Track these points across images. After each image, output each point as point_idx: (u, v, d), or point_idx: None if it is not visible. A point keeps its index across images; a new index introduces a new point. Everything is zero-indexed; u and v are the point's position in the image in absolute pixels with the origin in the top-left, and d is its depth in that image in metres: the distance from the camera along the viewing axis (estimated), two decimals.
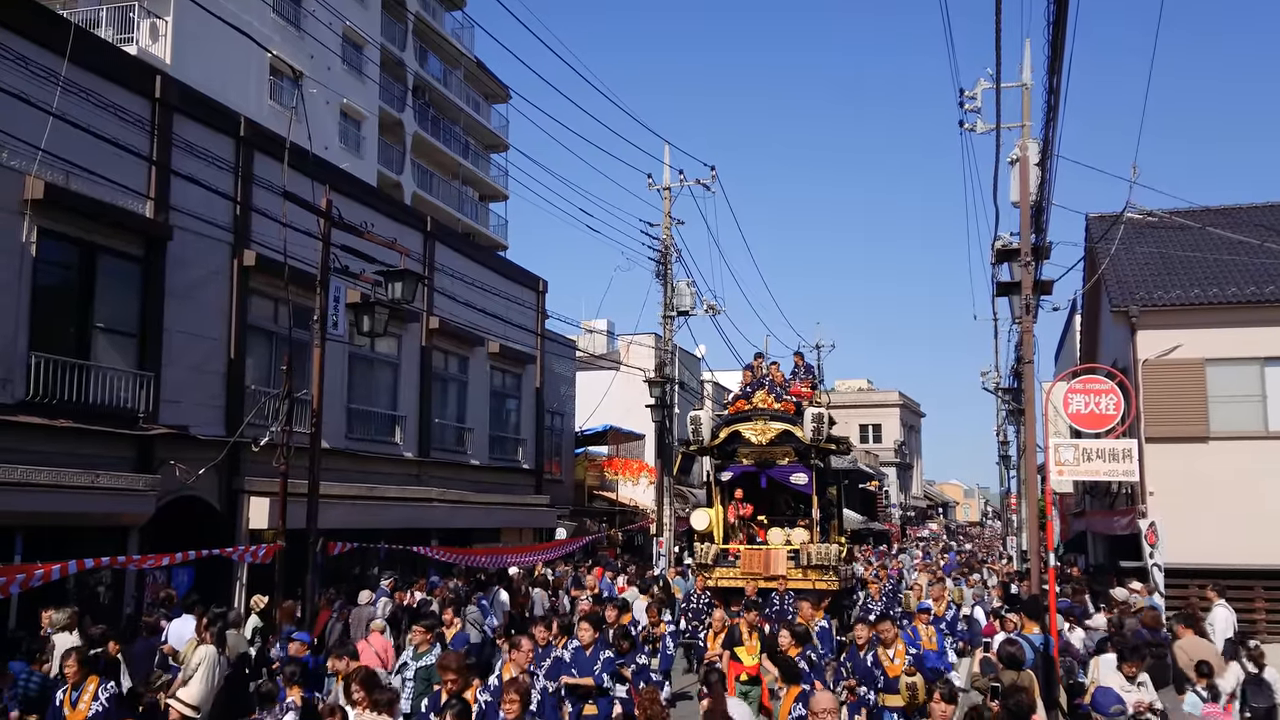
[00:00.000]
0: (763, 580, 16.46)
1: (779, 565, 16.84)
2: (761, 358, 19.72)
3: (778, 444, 17.62)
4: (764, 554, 17.20)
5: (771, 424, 17.50)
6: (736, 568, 17.16)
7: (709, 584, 17.13)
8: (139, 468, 13.97)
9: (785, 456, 17.66)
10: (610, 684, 9.65)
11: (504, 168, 45.37)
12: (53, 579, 10.59)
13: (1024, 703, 6.16)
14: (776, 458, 17.74)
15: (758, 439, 17.60)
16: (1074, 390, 12.20)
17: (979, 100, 16.24)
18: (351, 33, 32.10)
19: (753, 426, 17.64)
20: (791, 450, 17.56)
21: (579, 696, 9.65)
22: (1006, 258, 15.87)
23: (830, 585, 16.59)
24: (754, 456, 17.87)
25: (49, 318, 13.11)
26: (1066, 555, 28.23)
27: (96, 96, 13.25)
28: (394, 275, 13.85)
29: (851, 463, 51.92)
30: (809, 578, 16.54)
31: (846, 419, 65.67)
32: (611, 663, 9.70)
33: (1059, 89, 11.20)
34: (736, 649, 11.59)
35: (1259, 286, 18.59)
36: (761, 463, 17.82)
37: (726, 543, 17.73)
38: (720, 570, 17.22)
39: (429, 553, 17.59)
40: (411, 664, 9.85)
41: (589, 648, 9.77)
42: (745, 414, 17.96)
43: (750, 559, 17.21)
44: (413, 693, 9.50)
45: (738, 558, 17.32)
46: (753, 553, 17.31)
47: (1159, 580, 13.73)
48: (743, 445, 17.86)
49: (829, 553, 16.77)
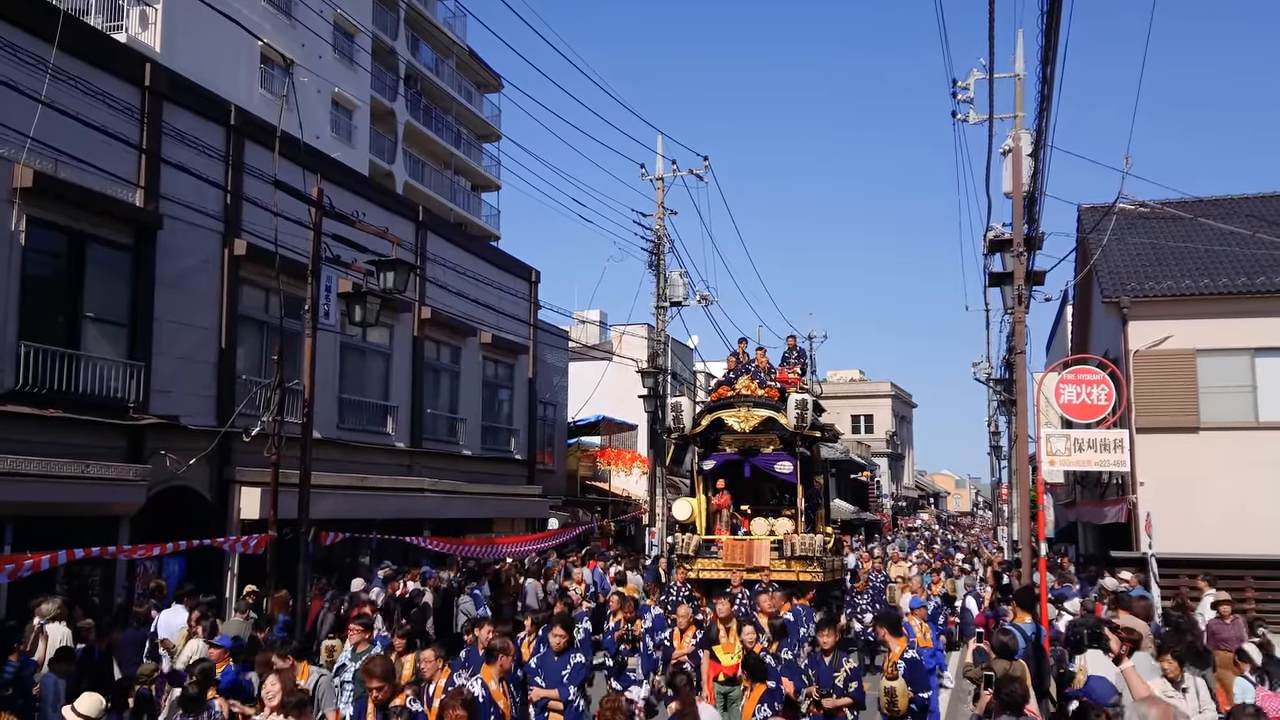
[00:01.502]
0: (745, 572, 15.99)
1: (762, 556, 16.41)
2: (745, 342, 19.34)
3: (761, 431, 17.23)
4: (746, 545, 16.77)
5: (755, 410, 17.11)
6: (718, 559, 16.75)
7: (690, 576, 16.61)
8: (129, 458, 13.92)
9: (769, 444, 17.31)
10: (575, 696, 8.74)
11: (496, 157, 45.28)
12: (42, 569, 10.56)
13: (1018, 692, 6.18)
14: (761, 445, 17.39)
15: (740, 426, 17.20)
16: (1065, 381, 12.22)
17: (972, 91, 16.22)
18: (343, 21, 31.95)
19: (735, 413, 17.25)
20: (776, 438, 17.20)
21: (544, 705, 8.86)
22: (999, 248, 15.87)
23: (815, 577, 16.24)
24: (737, 444, 17.52)
25: (38, 307, 13.04)
26: (1057, 545, 28.38)
27: (86, 84, 13.16)
28: (386, 265, 13.78)
29: (843, 453, 52.12)
30: (793, 569, 16.19)
31: (838, 409, 65.77)
32: (582, 670, 8.85)
33: (1052, 79, 11.23)
34: (715, 648, 10.66)
35: (1250, 277, 18.65)
36: (745, 451, 17.47)
37: (709, 533, 17.39)
38: (702, 562, 16.82)
39: (421, 543, 17.58)
40: (350, 665, 9.22)
41: (559, 654, 8.83)
42: (728, 400, 17.54)
43: (732, 550, 16.78)
44: (352, 695, 8.87)
45: (720, 549, 16.92)
46: (735, 544, 16.89)
47: (1155, 570, 13.78)
48: (726, 433, 17.50)
49: (814, 543, 16.38)
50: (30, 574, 10.39)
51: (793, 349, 19.90)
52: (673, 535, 18.03)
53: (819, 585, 16.36)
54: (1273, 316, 18.31)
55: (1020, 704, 6.11)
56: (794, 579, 15.99)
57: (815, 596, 16.17)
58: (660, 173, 26.32)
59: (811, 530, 16.99)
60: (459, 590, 16.15)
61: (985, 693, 7.87)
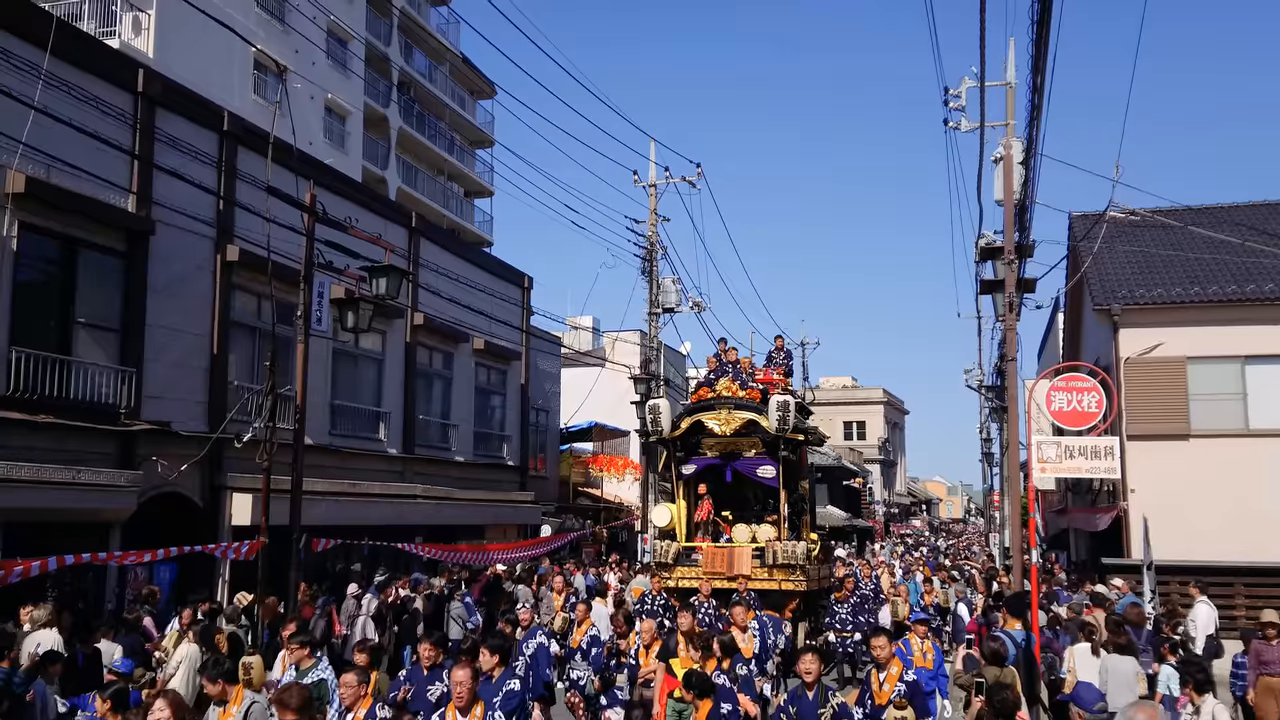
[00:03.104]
0: (724, 580, 15.39)
1: (743, 564, 15.85)
2: (725, 343, 18.82)
3: (743, 434, 16.74)
4: (727, 552, 16.26)
5: (736, 413, 16.58)
6: (698, 567, 16.21)
7: (668, 585, 16.00)
8: (121, 463, 13.87)
9: (752, 448, 16.81)
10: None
11: (489, 163, 45.36)
12: (32, 575, 10.52)
13: (1009, 700, 6.19)
14: (742, 449, 16.90)
15: (721, 429, 16.68)
16: (1056, 388, 12.28)
17: (964, 99, 16.30)
18: (336, 27, 31.96)
19: (715, 416, 16.72)
20: (758, 441, 16.68)
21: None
22: (990, 255, 15.94)
23: (798, 586, 15.73)
24: (718, 448, 17.06)
25: (30, 312, 13.00)
26: (1048, 552, 28.43)
27: (78, 90, 13.15)
28: (378, 271, 13.78)
29: (835, 459, 52.19)
30: (774, 577, 15.66)
31: (831, 416, 65.90)
32: (514, 698, 7.48)
33: (1042, 87, 11.27)
34: (672, 661, 9.51)
35: (1240, 285, 18.74)
36: (726, 455, 17.00)
37: (689, 540, 16.85)
38: (681, 570, 16.27)
39: (414, 549, 17.55)
40: None
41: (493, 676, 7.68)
42: (708, 402, 17.00)
43: (712, 557, 16.25)
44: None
45: (700, 556, 16.38)
46: (715, 551, 16.36)
47: (1149, 577, 13.82)
48: (706, 436, 16.98)
49: (796, 551, 15.85)
50: (20, 580, 10.35)
51: (780, 349, 19.50)
52: (652, 542, 17.59)
53: (802, 595, 15.89)
54: (1263, 324, 18.41)
55: (1012, 711, 6.13)
56: (776, 588, 15.55)
57: (799, 607, 15.80)
58: (653, 179, 26.38)
59: (796, 537, 16.58)
60: (450, 597, 16.14)
61: (976, 700, 7.88)
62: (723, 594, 14.51)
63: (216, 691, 7.35)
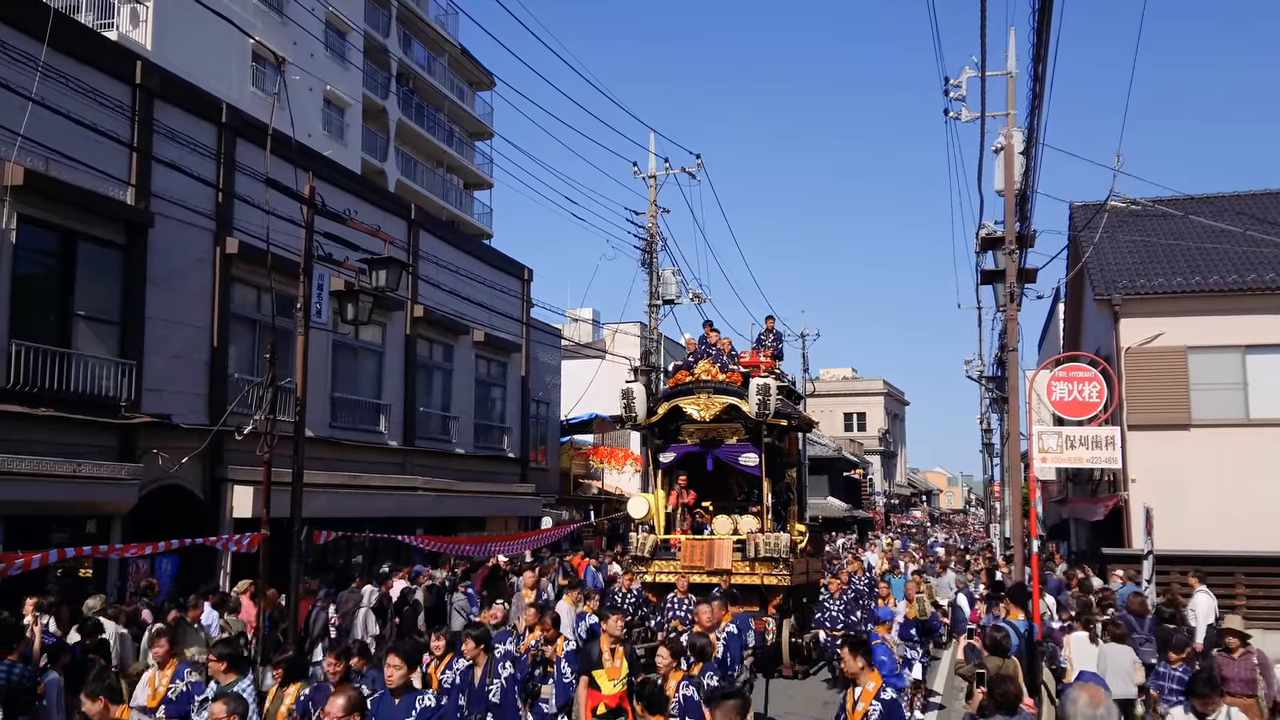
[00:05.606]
0: (704, 575, 14.60)
1: (723, 558, 14.97)
2: (710, 324, 17.71)
3: (724, 420, 15.70)
4: (706, 545, 15.32)
5: (715, 397, 15.55)
6: (677, 560, 15.27)
7: (646, 579, 15.25)
8: (121, 456, 13.89)
9: (734, 434, 15.78)
10: None
11: (489, 155, 45.22)
12: (33, 568, 10.51)
13: (1011, 692, 6.16)
14: (724, 435, 15.86)
15: (701, 414, 15.65)
16: (1057, 378, 12.28)
17: (964, 89, 16.25)
18: (335, 19, 31.84)
19: (695, 400, 15.71)
20: (740, 427, 15.68)
21: None
22: (991, 246, 15.88)
23: (781, 580, 14.87)
24: (699, 435, 16.03)
25: (29, 305, 13.00)
26: (1049, 542, 28.43)
27: (77, 82, 13.12)
28: (378, 263, 13.73)
29: (836, 450, 52.20)
30: (756, 572, 14.87)
31: (831, 407, 65.95)
32: (430, 715, 6.59)
33: (1043, 77, 11.22)
34: (596, 673, 8.33)
35: (1241, 274, 18.72)
36: (707, 442, 15.95)
37: (668, 532, 15.91)
38: (658, 564, 15.38)
39: (415, 541, 17.55)
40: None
41: (398, 696, 6.65)
42: (687, 387, 15.97)
43: (691, 550, 15.27)
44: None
45: (678, 549, 15.43)
46: (694, 544, 15.38)
47: (1149, 567, 13.83)
48: (686, 422, 15.98)
49: (780, 543, 14.93)
50: (21, 573, 10.35)
51: (769, 330, 18.77)
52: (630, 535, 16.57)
53: (786, 590, 15.07)
54: (1264, 314, 18.40)
55: (1014, 703, 6.10)
56: (758, 582, 14.83)
57: (783, 603, 15.08)
58: (653, 171, 26.30)
59: (781, 529, 15.72)
60: (452, 589, 16.14)
61: (978, 690, 7.88)
62: (703, 590, 13.73)
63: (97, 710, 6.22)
